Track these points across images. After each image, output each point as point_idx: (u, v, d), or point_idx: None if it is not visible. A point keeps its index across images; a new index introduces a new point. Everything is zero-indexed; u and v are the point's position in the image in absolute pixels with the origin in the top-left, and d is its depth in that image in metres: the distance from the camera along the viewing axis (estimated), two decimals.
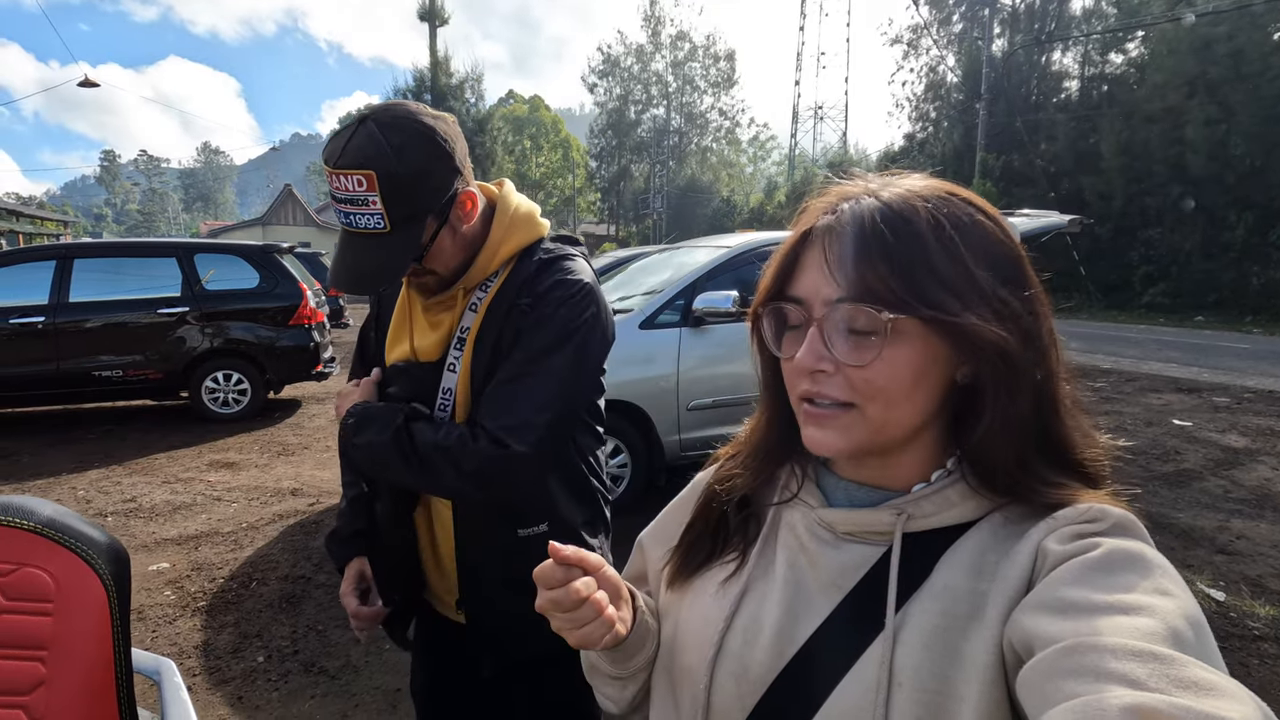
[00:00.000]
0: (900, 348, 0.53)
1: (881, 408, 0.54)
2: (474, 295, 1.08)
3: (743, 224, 34.16)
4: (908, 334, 0.53)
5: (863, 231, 0.54)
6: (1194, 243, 18.06)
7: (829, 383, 0.55)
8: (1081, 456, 0.57)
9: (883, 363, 0.53)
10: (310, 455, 5.44)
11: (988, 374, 0.54)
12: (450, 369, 1.07)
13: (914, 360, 0.53)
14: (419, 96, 24.83)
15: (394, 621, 1.19)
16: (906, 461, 0.59)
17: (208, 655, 2.72)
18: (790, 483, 0.65)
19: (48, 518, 0.82)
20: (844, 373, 0.54)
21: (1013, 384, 0.54)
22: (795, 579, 0.60)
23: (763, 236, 4.83)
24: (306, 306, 6.54)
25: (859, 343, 0.53)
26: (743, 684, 0.58)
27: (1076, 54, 24.06)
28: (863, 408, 0.55)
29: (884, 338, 0.52)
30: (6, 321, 5.82)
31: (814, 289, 0.55)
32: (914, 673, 0.51)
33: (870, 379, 0.53)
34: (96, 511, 4.22)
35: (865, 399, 0.54)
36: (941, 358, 0.54)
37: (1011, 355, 0.53)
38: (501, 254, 1.08)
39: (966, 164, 23.11)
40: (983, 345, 0.52)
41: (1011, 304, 0.53)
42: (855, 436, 0.56)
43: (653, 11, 45.53)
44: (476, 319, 1.07)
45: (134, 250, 6.70)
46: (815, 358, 0.54)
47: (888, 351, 0.53)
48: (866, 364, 0.53)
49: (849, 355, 0.53)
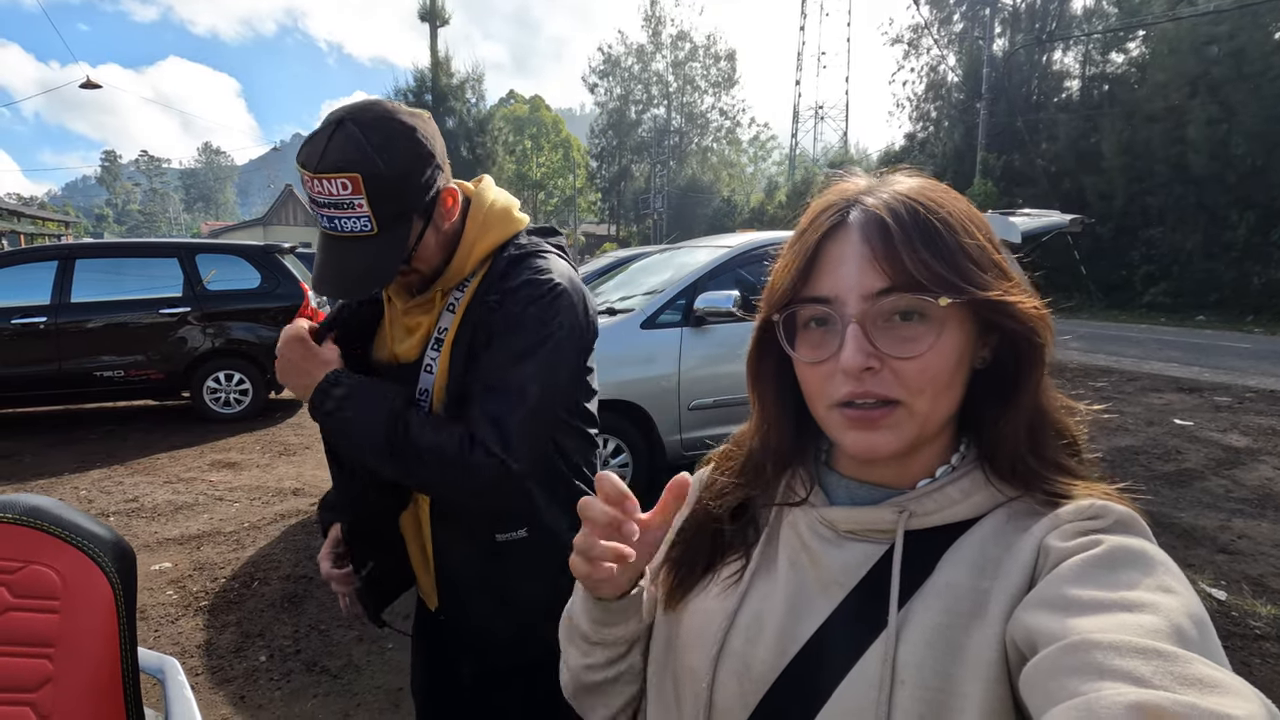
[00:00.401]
0: (951, 334, 0.53)
1: (929, 400, 0.53)
2: (451, 296, 1.07)
3: (743, 224, 34.15)
4: (954, 320, 0.53)
5: (900, 221, 0.53)
6: (1195, 242, 18.03)
7: (875, 381, 0.53)
8: (1073, 433, 0.58)
9: (935, 352, 0.52)
10: (312, 455, 5.45)
11: (1024, 351, 0.54)
12: (427, 370, 1.06)
13: (960, 346, 0.54)
14: (420, 97, 24.84)
15: (368, 593, 1.16)
16: (925, 455, 0.58)
17: (210, 655, 2.73)
18: (795, 485, 0.65)
19: (55, 515, 0.82)
20: (890, 368, 0.53)
21: (1040, 361, 0.55)
22: (797, 577, 0.60)
23: (763, 236, 4.83)
24: (308, 306, 6.54)
25: (910, 333, 0.53)
26: (745, 682, 0.58)
27: (1077, 53, 24.04)
28: (910, 403, 0.53)
29: (939, 325, 0.52)
30: (9, 322, 5.82)
31: (847, 285, 0.53)
32: (916, 670, 0.51)
33: (923, 369, 0.52)
34: (99, 511, 4.22)
35: (914, 393, 0.53)
36: (973, 342, 0.55)
37: (1041, 331, 0.54)
38: (477, 252, 1.06)
39: (967, 163, 23.09)
40: (1022, 321, 0.53)
41: (1023, 285, 0.55)
42: (906, 434, 0.54)
43: (653, 11, 45.54)
44: (454, 320, 1.06)
45: (135, 250, 6.70)
46: (865, 355, 0.52)
47: (942, 339, 0.53)
48: (920, 355, 0.52)
49: (900, 348, 0.52)
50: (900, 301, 0.52)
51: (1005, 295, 0.52)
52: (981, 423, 0.58)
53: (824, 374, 0.55)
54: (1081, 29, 23.81)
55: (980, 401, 0.57)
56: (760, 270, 0.61)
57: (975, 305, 0.52)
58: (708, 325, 4.10)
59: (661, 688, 0.66)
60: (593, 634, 0.65)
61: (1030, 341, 0.54)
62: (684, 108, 46.94)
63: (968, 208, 0.57)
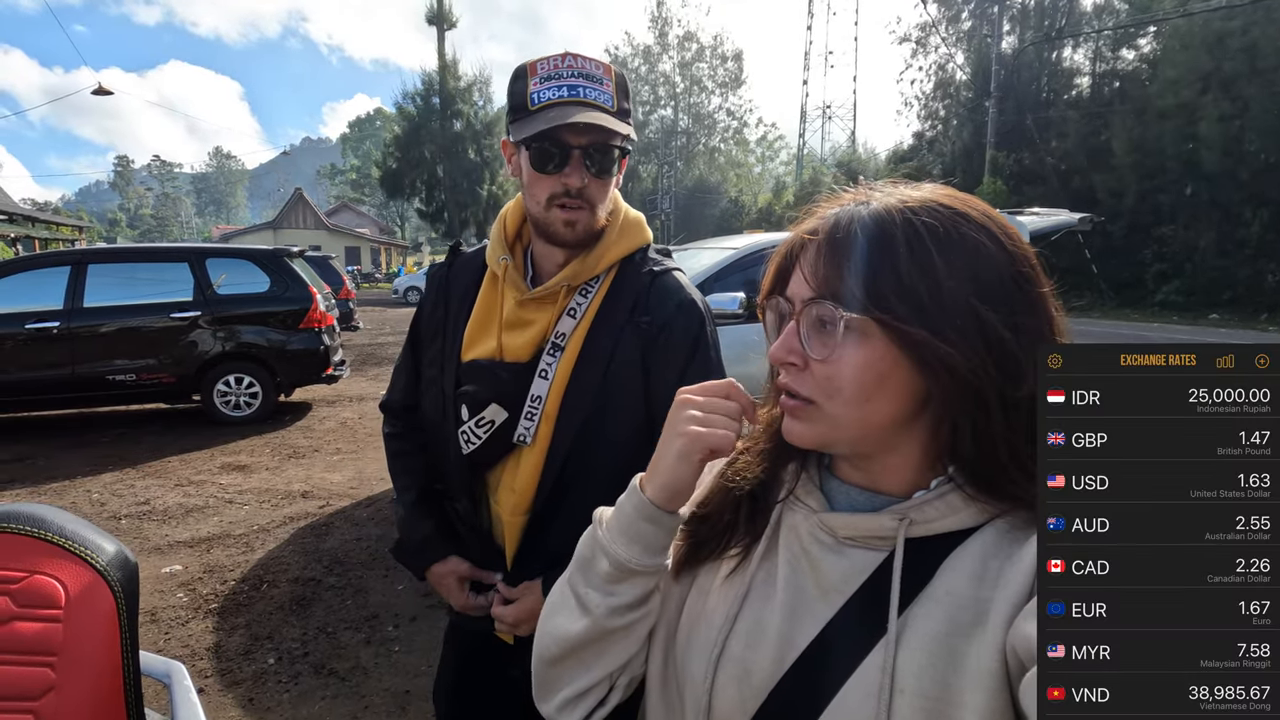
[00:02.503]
0: (859, 348, 0.55)
1: (840, 405, 0.56)
2: (574, 298, 1.06)
3: (750, 224, 34.09)
4: (868, 336, 0.55)
5: (836, 238, 0.57)
6: (1208, 240, 17.86)
7: (798, 378, 0.58)
8: None
9: (840, 360, 0.56)
10: (320, 458, 5.48)
11: (934, 386, 0.55)
12: (542, 375, 1.04)
13: (872, 362, 0.55)
14: (427, 100, 24.97)
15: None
16: (893, 465, 0.60)
17: (219, 657, 2.75)
18: (792, 479, 0.65)
19: (59, 526, 0.83)
20: (811, 369, 0.57)
21: (963, 399, 0.54)
22: (797, 583, 0.60)
23: (770, 237, 4.82)
24: (316, 310, 6.59)
25: (827, 340, 0.56)
26: (744, 688, 0.58)
27: (1087, 50, 23.86)
28: (822, 404, 0.57)
29: (856, 337, 0.55)
30: (23, 326, 5.89)
31: (796, 289, 0.59)
32: (916, 679, 0.51)
33: (830, 376, 0.56)
34: (111, 514, 4.27)
35: (825, 396, 0.57)
36: (904, 366, 0.55)
37: (958, 371, 0.53)
38: (611, 255, 1.07)
39: (976, 162, 22.96)
40: (928, 358, 0.54)
41: (988, 322, 0.53)
42: (817, 430, 0.58)
43: (660, 12, 45.60)
44: (579, 327, 1.04)
45: (147, 255, 6.77)
46: (785, 350, 0.58)
47: (846, 349, 0.55)
48: (825, 358, 0.56)
49: (814, 349, 0.57)
50: (817, 309, 0.56)
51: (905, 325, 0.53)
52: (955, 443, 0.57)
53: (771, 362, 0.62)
54: (1091, 25, 23.63)
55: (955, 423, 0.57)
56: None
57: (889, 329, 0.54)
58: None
59: (661, 692, 0.66)
60: (635, 560, 0.62)
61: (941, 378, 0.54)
62: (691, 108, 46.97)
63: (959, 234, 0.55)
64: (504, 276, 1.09)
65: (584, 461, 1.04)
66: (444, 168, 25.20)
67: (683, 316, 1.07)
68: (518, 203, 1.12)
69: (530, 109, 1.00)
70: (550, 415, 1.03)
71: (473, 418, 1.07)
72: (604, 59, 1.04)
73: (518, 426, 1.05)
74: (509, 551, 1.11)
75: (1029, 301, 0.55)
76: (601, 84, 1.01)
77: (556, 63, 1.00)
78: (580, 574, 0.66)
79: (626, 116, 1.04)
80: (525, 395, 1.04)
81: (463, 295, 1.14)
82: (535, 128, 0.97)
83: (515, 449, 1.07)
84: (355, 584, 3.36)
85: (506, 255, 1.09)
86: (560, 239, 1.05)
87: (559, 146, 0.99)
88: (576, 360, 1.03)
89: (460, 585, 1.16)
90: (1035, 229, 5.16)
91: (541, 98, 0.99)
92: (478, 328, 1.11)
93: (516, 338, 1.06)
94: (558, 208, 1.02)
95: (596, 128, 0.98)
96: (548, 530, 1.07)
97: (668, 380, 1.03)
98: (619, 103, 1.02)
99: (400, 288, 24.95)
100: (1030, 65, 24.07)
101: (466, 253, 1.21)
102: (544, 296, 1.06)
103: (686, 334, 1.06)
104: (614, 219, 1.09)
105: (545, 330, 1.06)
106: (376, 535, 3.93)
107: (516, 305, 1.08)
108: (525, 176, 1.05)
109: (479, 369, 1.08)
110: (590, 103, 0.99)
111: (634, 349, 1.04)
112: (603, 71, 1.02)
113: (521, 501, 1.07)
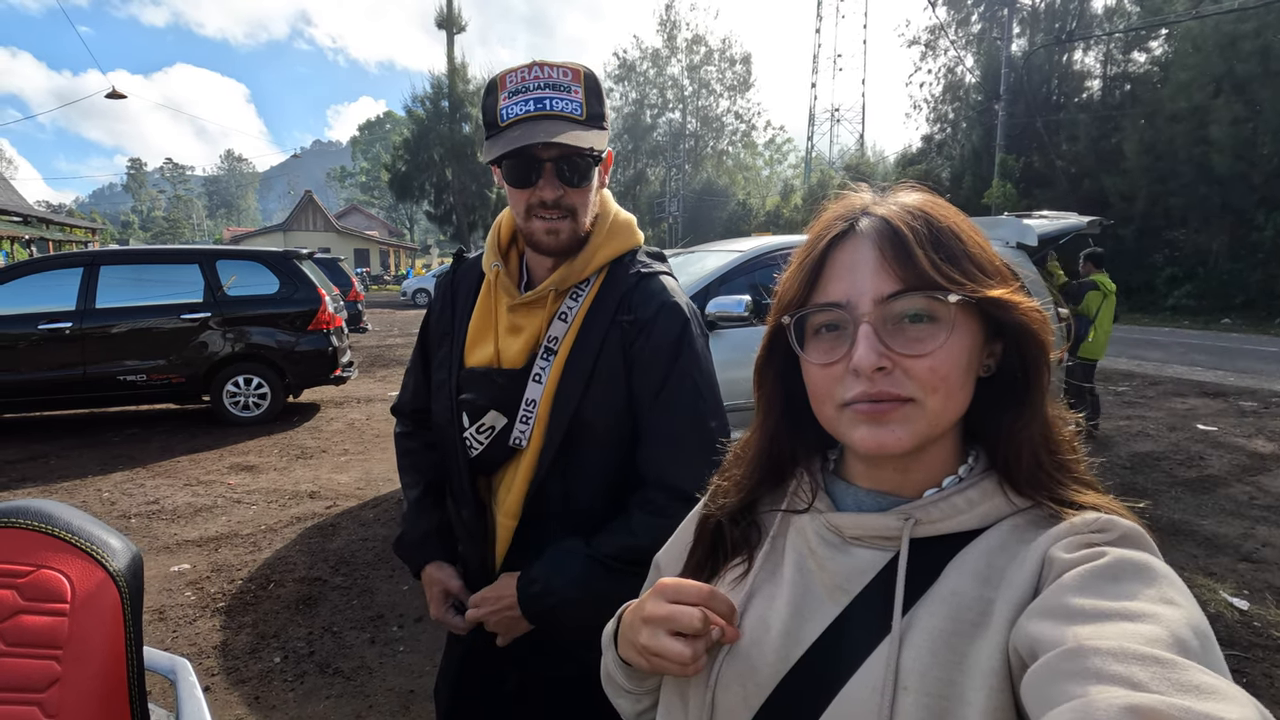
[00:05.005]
0: (959, 335, 0.55)
1: (942, 399, 0.55)
2: (564, 302, 1.06)
3: (759, 227, 34.06)
4: (962, 321, 0.55)
5: (909, 228, 0.55)
6: (1220, 244, 17.72)
7: (887, 380, 0.54)
8: (1071, 441, 0.59)
9: (945, 351, 0.54)
10: (328, 459, 5.51)
11: (1031, 354, 0.56)
12: (535, 380, 1.04)
13: (969, 346, 0.55)
14: (436, 103, 25.09)
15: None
16: (928, 461, 0.59)
17: (226, 655, 2.77)
18: (800, 491, 0.65)
19: (65, 522, 0.84)
20: (902, 368, 0.54)
21: (1047, 365, 0.56)
22: (803, 582, 0.60)
23: (777, 240, 4.81)
24: (325, 311, 6.63)
25: (920, 334, 0.54)
26: (749, 684, 0.59)
27: (1098, 53, 23.74)
28: (923, 401, 0.54)
29: (948, 325, 0.54)
30: (36, 327, 5.96)
31: (858, 289, 0.55)
32: (920, 677, 0.51)
33: (935, 368, 0.54)
34: (121, 513, 4.31)
35: (928, 391, 0.54)
36: (980, 347, 0.57)
37: (1044, 332, 0.56)
38: (599, 258, 1.07)
39: (985, 165, 22.87)
40: (1027, 320, 0.55)
41: (1023, 283, 0.57)
42: (917, 430, 0.55)
43: (668, 16, 45.69)
44: (569, 330, 1.05)
45: (158, 257, 6.83)
46: (877, 355, 0.53)
47: (954, 337, 0.54)
48: (930, 353, 0.54)
49: (911, 347, 0.54)
50: (911, 303, 0.54)
51: (1011, 295, 0.55)
52: (994, 432, 0.58)
53: (834, 375, 0.56)
54: (1102, 28, 23.51)
55: (987, 411, 0.58)
56: (775, 275, 0.62)
57: (983, 305, 0.54)
58: (719, 330, 4.09)
59: (669, 689, 0.67)
60: (631, 686, 0.69)
61: (1036, 342, 0.56)
62: (699, 111, 47.02)
63: (968, 221, 0.59)
64: (496, 282, 1.10)
65: (571, 462, 1.05)
66: (453, 170, 25.33)
67: (665, 318, 1.06)
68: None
69: (500, 125, 1.00)
70: (543, 418, 1.04)
71: (474, 424, 1.09)
72: (597, 64, 1.06)
73: (513, 431, 1.07)
74: (498, 555, 1.12)
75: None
76: (569, 92, 1.00)
77: (524, 74, 1.00)
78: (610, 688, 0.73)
79: (599, 121, 1.03)
80: (521, 400, 1.05)
81: (465, 301, 1.16)
82: (502, 148, 0.98)
83: (515, 454, 1.08)
84: (361, 584, 3.38)
85: (498, 262, 1.10)
86: (545, 248, 1.06)
87: (528, 161, 1.00)
88: (565, 363, 1.04)
89: (444, 598, 1.17)
90: (1043, 233, 5.13)
91: (509, 114, 0.99)
92: (477, 334, 1.12)
93: (511, 344, 1.07)
94: (538, 218, 1.03)
95: (559, 145, 0.98)
96: (535, 533, 1.08)
97: (649, 383, 1.03)
98: (589, 108, 1.01)
99: (409, 290, 25.07)
100: (1040, 68, 23.96)
101: (470, 259, 1.22)
102: (534, 301, 1.07)
103: (667, 335, 1.05)
104: (601, 222, 1.09)
105: (538, 335, 1.06)
106: (382, 536, 3.95)
107: (508, 311, 1.09)
108: (506, 189, 1.06)
109: (477, 376, 1.09)
110: (557, 114, 0.99)
111: (617, 348, 1.04)
112: (570, 79, 1.01)
113: (514, 505, 1.08)
